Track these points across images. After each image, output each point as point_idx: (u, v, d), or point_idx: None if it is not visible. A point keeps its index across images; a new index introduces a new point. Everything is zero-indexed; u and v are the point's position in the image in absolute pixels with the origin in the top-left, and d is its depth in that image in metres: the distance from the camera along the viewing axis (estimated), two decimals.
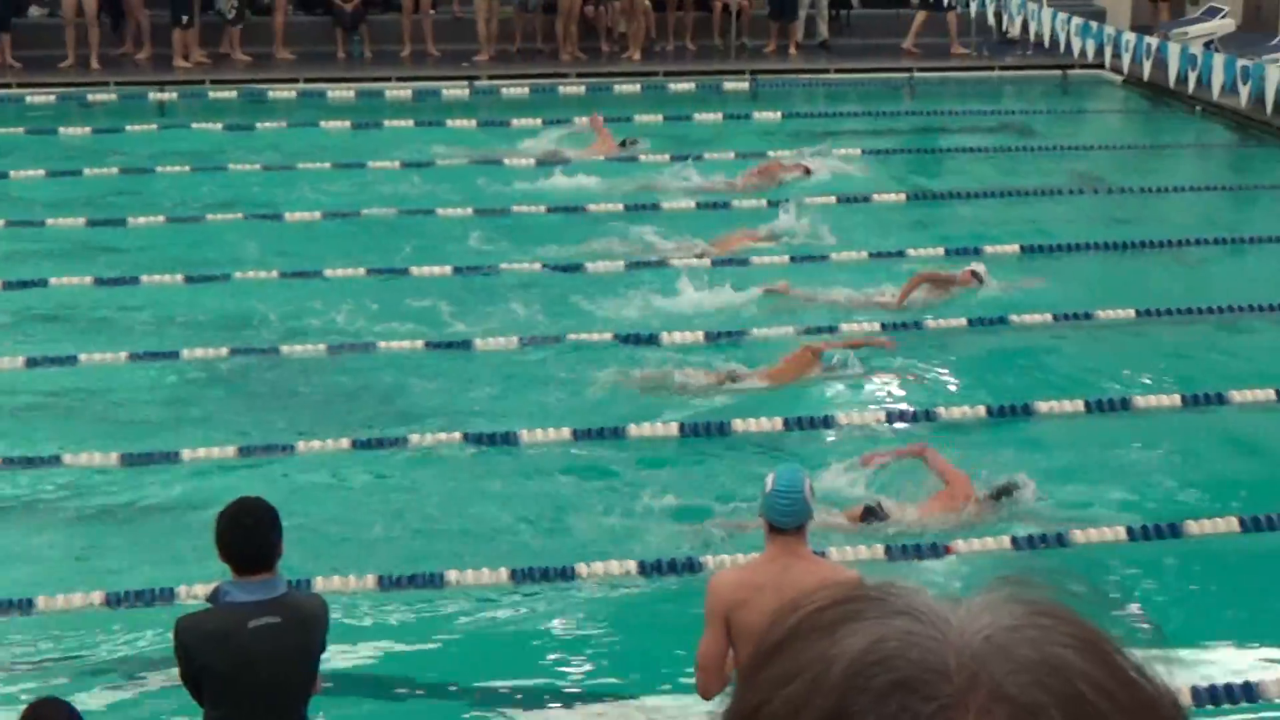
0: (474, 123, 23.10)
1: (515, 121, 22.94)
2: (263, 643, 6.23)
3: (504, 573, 9.87)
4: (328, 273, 15.82)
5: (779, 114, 24.10)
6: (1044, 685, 1.00)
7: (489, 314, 14.74)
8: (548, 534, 10.79)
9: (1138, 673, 1.04)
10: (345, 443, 11.94)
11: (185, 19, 25.44)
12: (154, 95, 24.61)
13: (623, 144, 21.18)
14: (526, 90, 25.33)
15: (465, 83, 25.50)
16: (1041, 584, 1.08)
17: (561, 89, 25.50)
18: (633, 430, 12.20)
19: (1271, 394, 12.78)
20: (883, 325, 14.37)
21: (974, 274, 15.08)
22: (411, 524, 10.95)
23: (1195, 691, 8.19)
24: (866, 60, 27.33)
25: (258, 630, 6.22)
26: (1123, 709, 1.01)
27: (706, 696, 6.73)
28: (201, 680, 6.33)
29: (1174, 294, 15.46)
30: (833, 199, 18.80)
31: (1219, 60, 23.18)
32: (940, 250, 16.87)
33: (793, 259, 16.43)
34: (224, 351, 13.74)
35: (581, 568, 9.92)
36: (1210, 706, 8.32)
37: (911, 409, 12.80)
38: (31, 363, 13.49)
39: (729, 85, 26.14)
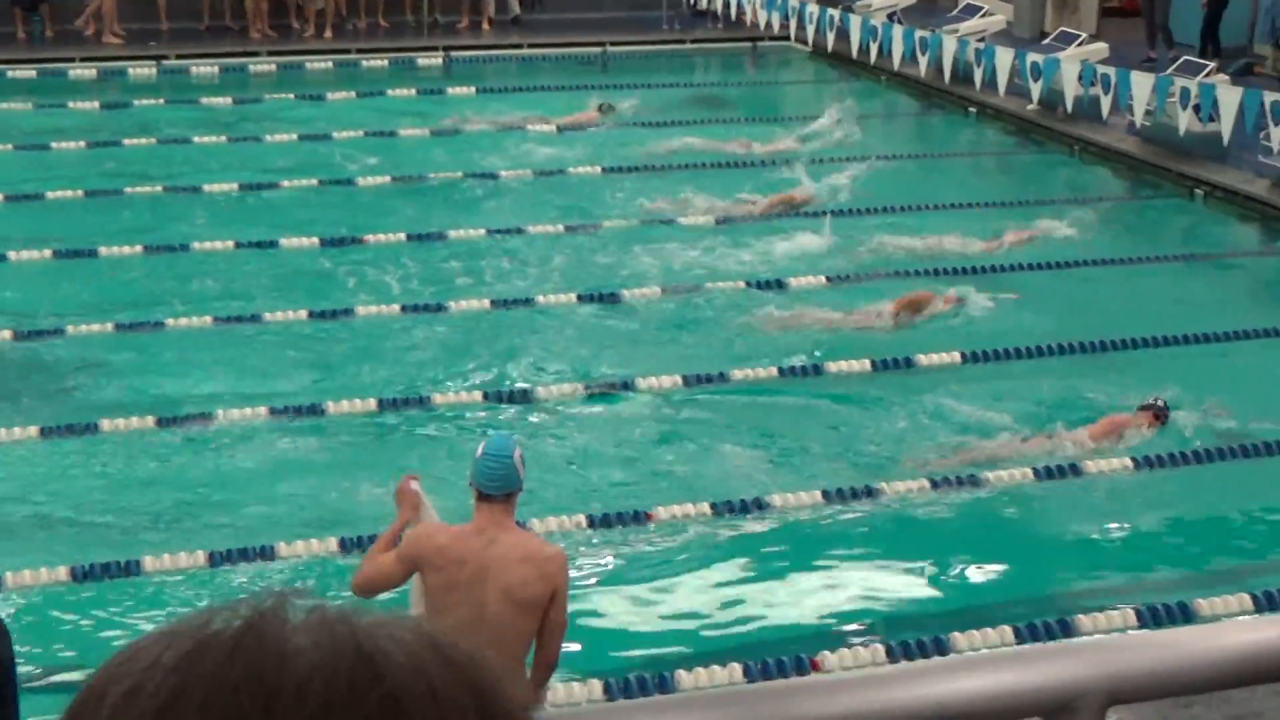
0: (162, 101, 22.61)
1: (205, 100, 22.52)
2: None
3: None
4: (11, 256, 15.41)
5: (473, 89, 24.11)
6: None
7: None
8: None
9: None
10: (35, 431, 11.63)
11: None
12: None
13: (600, 109, 21.78)
14: (216, 69, 24.87)
15: (153, 62, 24.92)
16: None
17: (252, 68, 25.12)
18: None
19: None
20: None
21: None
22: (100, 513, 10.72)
23: None
24: (559, 35, 27.51)
25: None
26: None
27: (354, 584, 6.76)
28: None
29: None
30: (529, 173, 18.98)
31: (898, 31, 23.88)
32: (636, 222, 17.14)
33: None
34: None
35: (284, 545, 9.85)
36: None
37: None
38: None
39: (422, 62, 26.05)
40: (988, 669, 2.05)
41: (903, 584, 10.06)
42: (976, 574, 10.19)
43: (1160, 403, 11.94)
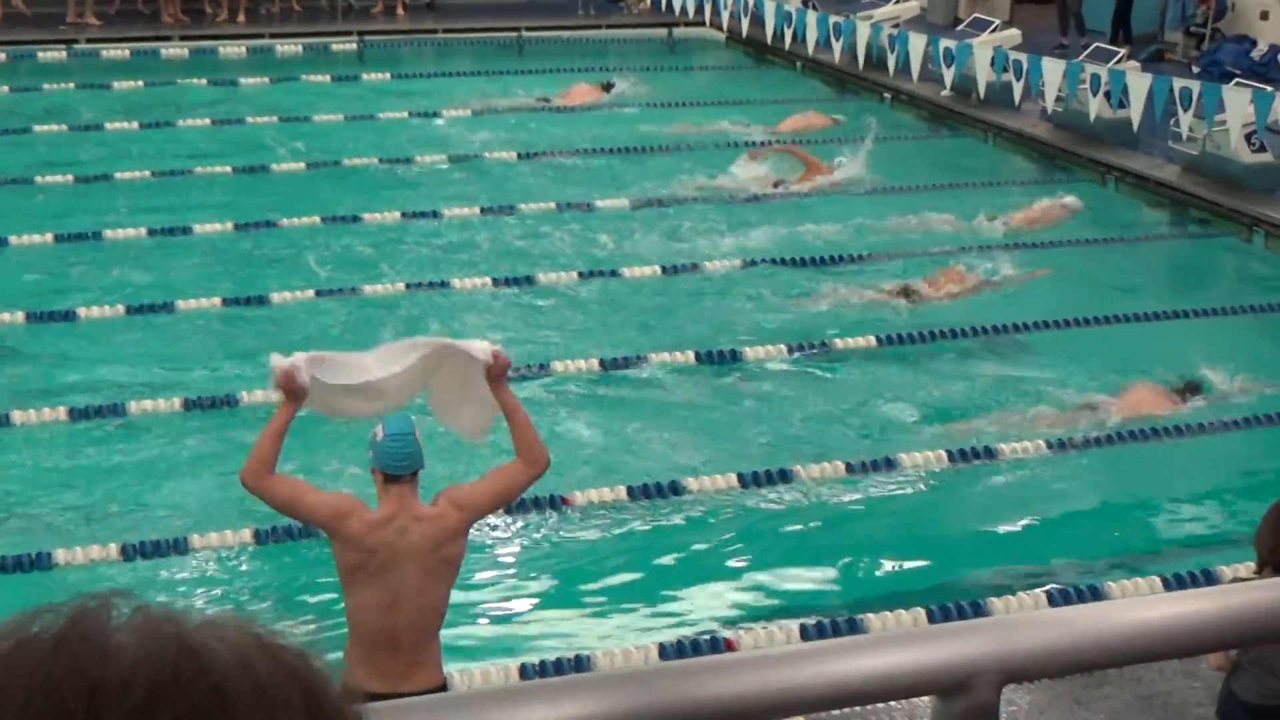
0: (73, 85, 22.38)
1: (116, 85, 22.30)
2: None
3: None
4: None
5: (388, 75, 23.99)
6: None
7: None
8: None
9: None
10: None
11: None
12: None
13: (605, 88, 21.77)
14: (128, 53, 24.62)
15: (63, 46, 24.64)
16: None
17: (164, 52, 24.88)
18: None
19: None
20: None
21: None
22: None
23: None
24: (474, 20, 27.43)
25: None
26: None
27: (244, 471, 6.53)
28: None
29: None
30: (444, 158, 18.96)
31: (812, 18, 23.94)
32: (553, 205, 17.14)
33: None
34: None
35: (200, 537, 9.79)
36: None
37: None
38: None
39: (337, 47, 25.89)
40: (886, 648, 2.08)
41: (821, 567, 10.12)
42: (894, 557, 10.27)
43: (1187, 385, 12.37)
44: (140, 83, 22.35)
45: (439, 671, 6.64)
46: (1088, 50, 20.90)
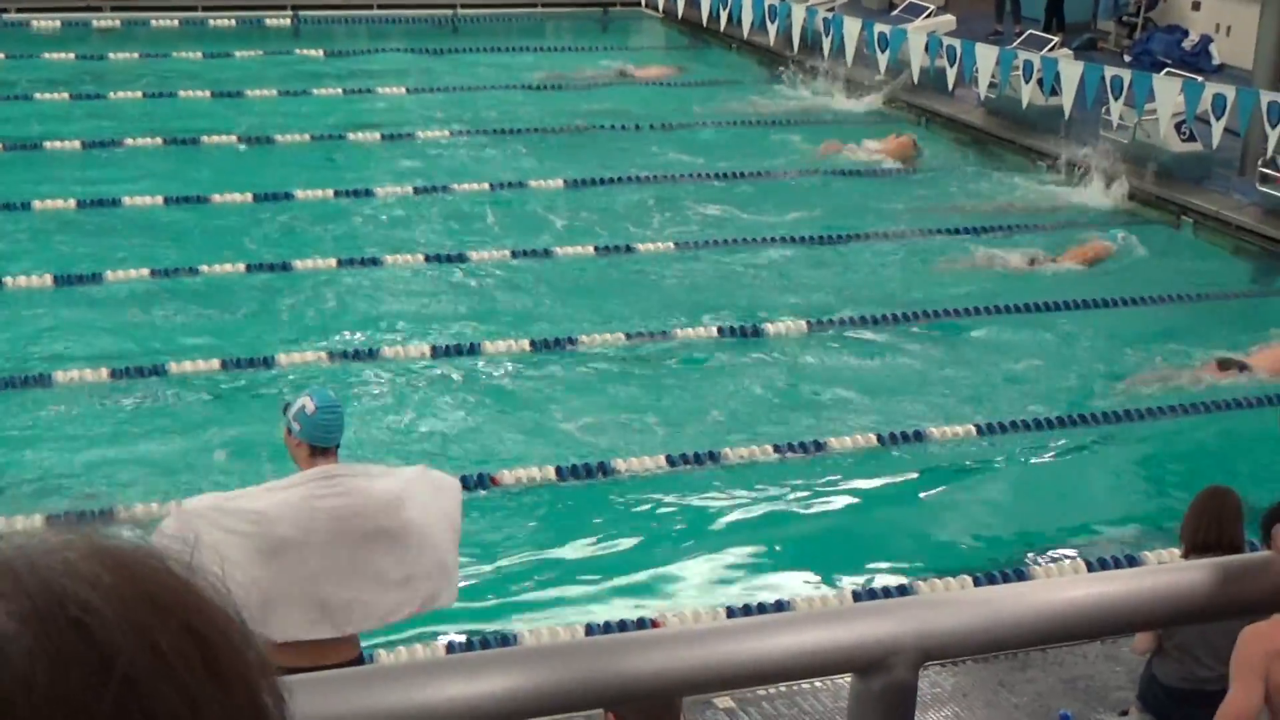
0: (2, 56, 22.13)
1: (46, 55, 22.09)
2: None
3: None
4: None
5: (321, 51, 23.85)
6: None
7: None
8: None
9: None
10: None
11: None
12: None
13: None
14: (58, 24, 24.36)
15: None
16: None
17: (96, 23, 24.64)
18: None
19: None
20: None
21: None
22: None
23: None
24: None
25: None
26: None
27: None
28: None
29: None
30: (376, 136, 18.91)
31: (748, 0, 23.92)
32: (486, 186, 17.12)
33: None
34: None
35: None
36: None
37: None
38: None
39: (270, 21, 25.70)
40: (805, 625, 2.10)
41: (745, 548, 10.15)
42: (819, 540, 10.32)
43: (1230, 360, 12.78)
44: (72, 55, 22.13)
45: (357, 648, 6.58)
46: (1021, 37, 21.01)
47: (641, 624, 8.61)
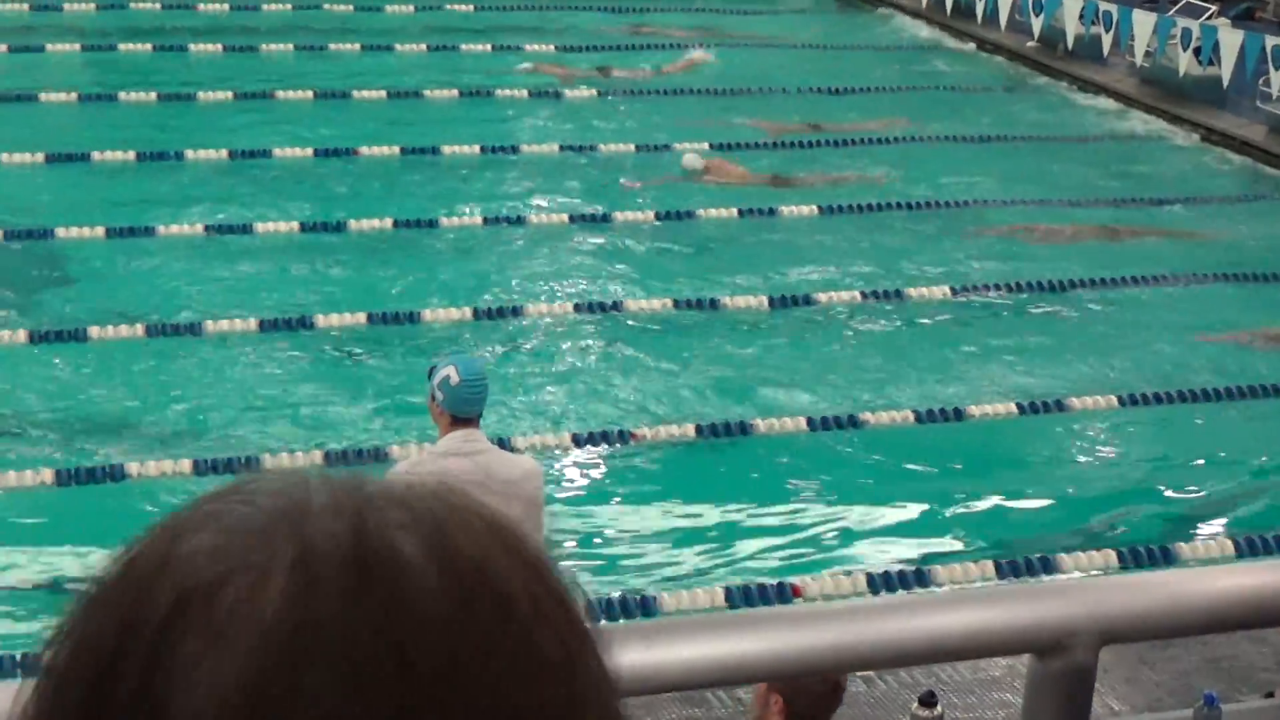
0: (158, 6, 22.39)
1: (201, 7, 22.32)
2: None
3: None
4: None
5: (471, 6, 23.84)
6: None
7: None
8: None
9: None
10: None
11: None
12: None
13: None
14: None
15: None
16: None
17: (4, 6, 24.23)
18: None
19: None
20: None
21: None
22: None
23: None
24: None
25: None
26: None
27: None
28: None
29: None
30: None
31: None
32: (632, 147, 17.12)
33: None
34: None
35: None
36: None
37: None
38: None
39: None
40: (984, 604, 2.06)
41: (884, 514, 10.08)
42: (959, 508, 10.22)
43: None
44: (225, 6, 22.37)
45: None
46: (1177, 5, 20.62)
47: (781, 589, 8.57)
